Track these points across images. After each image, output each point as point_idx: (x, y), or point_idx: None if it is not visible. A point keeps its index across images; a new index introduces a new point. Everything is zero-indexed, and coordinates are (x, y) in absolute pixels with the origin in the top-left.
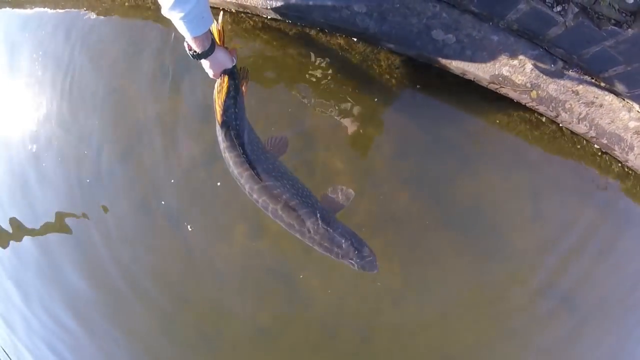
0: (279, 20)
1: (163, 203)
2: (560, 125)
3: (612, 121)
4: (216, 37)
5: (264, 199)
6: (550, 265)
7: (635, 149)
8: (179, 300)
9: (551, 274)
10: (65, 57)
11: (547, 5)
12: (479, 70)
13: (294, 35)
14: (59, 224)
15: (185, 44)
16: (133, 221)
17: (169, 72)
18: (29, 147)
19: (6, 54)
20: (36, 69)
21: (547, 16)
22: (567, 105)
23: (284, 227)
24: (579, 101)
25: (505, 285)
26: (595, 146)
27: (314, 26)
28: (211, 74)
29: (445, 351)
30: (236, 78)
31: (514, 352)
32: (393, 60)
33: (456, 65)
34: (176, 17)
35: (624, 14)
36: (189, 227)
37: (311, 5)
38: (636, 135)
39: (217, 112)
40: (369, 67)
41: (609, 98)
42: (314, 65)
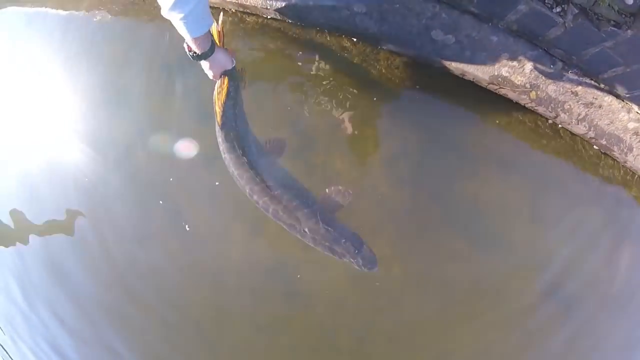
0: (278, 20)
1: (161, 203)
2: (560, 125)
3: (611, 122)
4: (216, 38)
5: (264, 200)
6: (550, 265)
7: (634, 149)
8: (177, 300)
9: (550, 274)
10: (64, 57)
11: (547, 6)
12: (478, 70)
13: (294, 35)
14: (58, 223)
15: (185, 45)
16: (131, 221)
17: (167, 72)
18: (30, 145)
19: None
20: (36, 68)
21: (547, 17)
22: (567, 106)
23: (285, 227)
24: (578, 102)
25: (504, 285)
26: (595, 147)
27: (313, 26)
28: (211, 75)
29: (444, 351)
30: (236, 79)
31: (513, 353)
32: (392, 60)
33: (455, 65)
34: (176, 18)
35: (623, 15)
36: (186, 226)
37: (311, 5)
38: (635, 136)
39: (217, 113)
40: (368, 67)
41: (608, 99)
42: (313, 66)
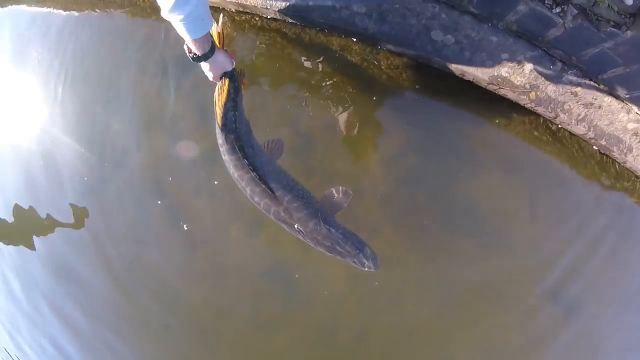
0: (278, 20)
1: (159, 202)
2: (559, 126)
3: (611, 122)
4: (216, 39)
5: (265, 201)
6: (548, 265)
7: (634, 150)
8: (176, 299)
9: (550, 275)
10: (61, 56)
11: (547, 7)
12: (477, 71)
13: (294, 35)
14: (57, 222)
15: (185, 46)
16: (130, 220)
17: (167, 71)
18: (32, 144)
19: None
20: (37, 67)
21: (547, 17)
22: (566, 107)
23: (287, 229)
24: (577, 102)
25: (504, 285)
26: (594, 147)
27: (313, 26)
28: (211, 76)
29: (443, 351)
30: (236, 80)
31: (513, 353)
32: (392, 60)
33: (455, 66)
34: (176, 20)
35: (623, 16)
36: (185, 226)
37: (311, 5)
38: (635, 137)
39: (217, 114)
40: (368, 67)
41: (607, 99)
42: (312, 65)
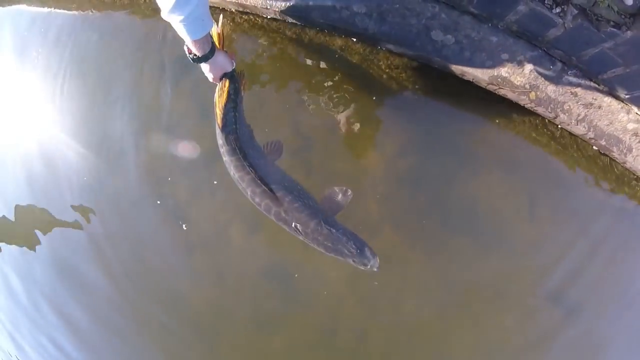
0: (278, 20)
1: (159, 202)
2: (559, 126)
3: (611, 123)
4: (216, 40)
5: (266, 202)
6: (547, 266)
7: (634, 150)
8: (175, 299)
9: (549, 275)
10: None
11: (547, 7)
12: (477, 71)
13: (293, 35)
14: (57, 221)
15: (185, 47)
16: (129, 220)
17: (166, 72)
18: (31, 144)
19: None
20: (36, 67)
21: (546, 18)
22: (566, 107)
23: (288, 229)
24: (577, 102)
25: (504, 285)
26: (594, 147)
27: (313, 26)
28: (211, 77)
29: (443, 351)
30: (236, 82)
31: (512, 353)
32: (392, 60)
33: (455, 66)
34: (176, 20)
35: (623, 16)
36: (184, 226)
37: (311, 5)
38: (635, 137)
39: (217, 116)
40: (368, 67)
41: (607, 100)
42: (313, 65)
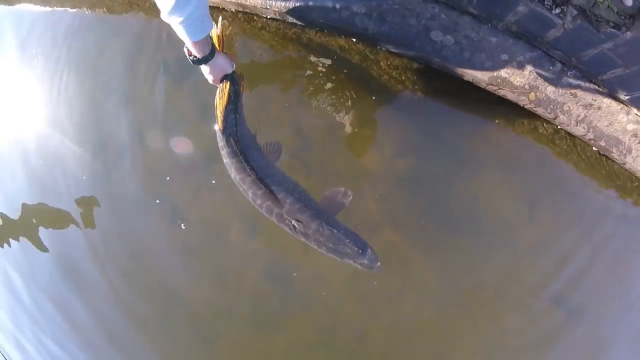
0: (278, 20)
1: (158, 202)
2: (559, 127)
3: (610, 123)
4: (215, 42)
5: (267, 204)
6: (548, 267)
7: (633, 151)
8: (175, 299)
9: (549, 276)
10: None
11: (546, 7)
12: (477, 71)
13: (293, 35)
14: (57, 220)
15: (185, 49)
16: (128, 219)
17: (166, 72)
18: (31, 143)
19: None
20: (36, 67)
21: (546, 18)
22: (566, 107)
23: (288, 230)
24: (577, 103)
25: (504, 286)
26: (594, 148)
27: (313, 26)
28: (211, 79)
29: (443, 351)
30: (236, 83)
31: (512, 354)
32: (392, 60)
33: (454, 66)
34: (175, 22)
35: (622, 17)
36: (182, 225)
37: (311, 5)
38: (634, 138)
39: (218, 118)
40: (367, 68)
41: (607, 100)
42: (312, 66)
